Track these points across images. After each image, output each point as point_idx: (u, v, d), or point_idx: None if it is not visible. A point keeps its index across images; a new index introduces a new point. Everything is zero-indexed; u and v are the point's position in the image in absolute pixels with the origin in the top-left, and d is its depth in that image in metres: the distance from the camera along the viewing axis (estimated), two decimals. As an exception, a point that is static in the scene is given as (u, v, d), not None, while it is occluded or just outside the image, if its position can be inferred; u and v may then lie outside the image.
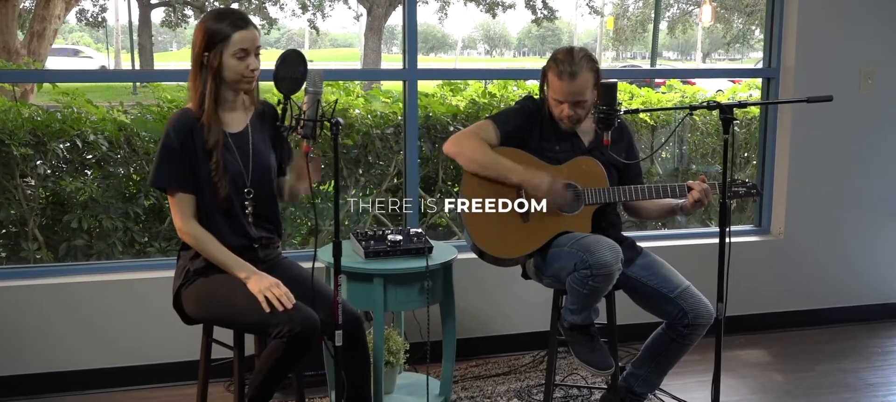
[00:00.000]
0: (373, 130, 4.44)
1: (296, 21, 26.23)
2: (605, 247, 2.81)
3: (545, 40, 34.33)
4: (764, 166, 4.46)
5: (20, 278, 3.58)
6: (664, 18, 21.59)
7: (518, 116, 3.12)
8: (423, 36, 28.85)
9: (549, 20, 18.85)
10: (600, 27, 22.68)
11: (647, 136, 4.98)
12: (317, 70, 2.49)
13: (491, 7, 19.38)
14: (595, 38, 24.11)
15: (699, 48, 26.83)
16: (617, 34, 21.99)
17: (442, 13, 20.62)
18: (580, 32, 34.76)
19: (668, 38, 24.89)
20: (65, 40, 30.72)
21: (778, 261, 4.41)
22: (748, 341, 4.29)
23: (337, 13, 21.27)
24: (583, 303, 2.89)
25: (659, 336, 3.14)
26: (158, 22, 23.39)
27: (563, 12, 36.46)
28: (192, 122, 2.64)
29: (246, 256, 2.70)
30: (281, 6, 22.13)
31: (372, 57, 18.56)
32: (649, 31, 24.06)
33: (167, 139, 2.63)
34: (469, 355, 3.95)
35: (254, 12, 21.66)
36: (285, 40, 36.81)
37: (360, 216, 4.48)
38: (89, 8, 21.67)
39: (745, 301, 4.37)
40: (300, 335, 2.49)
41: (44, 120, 4.01)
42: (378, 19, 18.75)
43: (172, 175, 2.64)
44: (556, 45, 35.81)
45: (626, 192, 3.05)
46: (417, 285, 3.04)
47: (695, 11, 21.49)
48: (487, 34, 32.39)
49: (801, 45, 4.23)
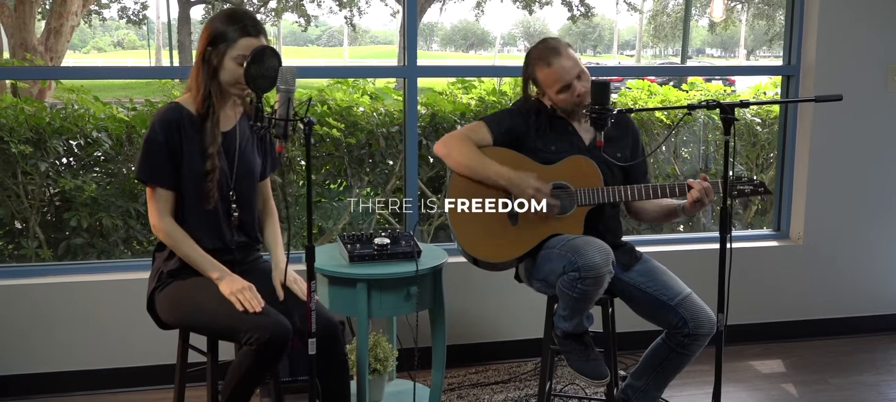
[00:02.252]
0: (378, 128, 4.34)
1: (336, 18, 26.32)
2: (595, 249, 2.68)
3: (585, 37, 34.10)
4: (783, 168, 4.28)
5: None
6: (705, 15, 21.26)
7: (513, 116, 3.02)
8: (462, 33, 29.16)
9: (585, 17, 18.66)
10: (639, 24, 22.42)
11: (664, 135, 4.81)
12: (289, 67, 2.40)
13: (527, 4, 19.26)
14: (635, 35, 23.82)
15: (742, 45, 26.39)
16: (656, 31, 21.69)
17: (478, 10, 20.57)
18: (621, 29, 34.50)
19: (710, 35, 24.55)
20: (111, 36, 31.23)
21: (797, 267, 4.23)
22: (765, 350, 4.11)
23: (375, 10, 21.34)
24: (573, 308, 2.77)
25: (658, 346, 2.99)
26: (198, 19, 23.68)
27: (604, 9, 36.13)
28: (180, 117, 2.58)
29: (223, 258, 2.64)
30: (318, 3, 22.29)
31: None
32: (689, 28, 23.68)
33: (152, 132, 2.56)
34: (468, 361, 3.84)
35: (292, 10, 21.81)
36: (326, 37, 37.14)
37: (363, 217, 4.39)
38: (130, 5, 21.99)
39: (763, 309, 4.19)
40: (269, 342, 2.41)
41: (44, 117, 3.98)
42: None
43: (154, 169, 2.57)
44: (597, 42, 35.59)
45: (620, 192, 2.91)
46: (404, 290, 2.93)
47: (737, 8, 21.12)
48: (527, 31, 32.22)
49: (822, 41, 4.04)
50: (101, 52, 30.93)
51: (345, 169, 4.33)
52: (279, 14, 22.20)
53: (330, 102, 4.34)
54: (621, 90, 5.10)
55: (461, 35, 34.38)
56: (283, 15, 22.16)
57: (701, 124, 4.92)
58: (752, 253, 4.19)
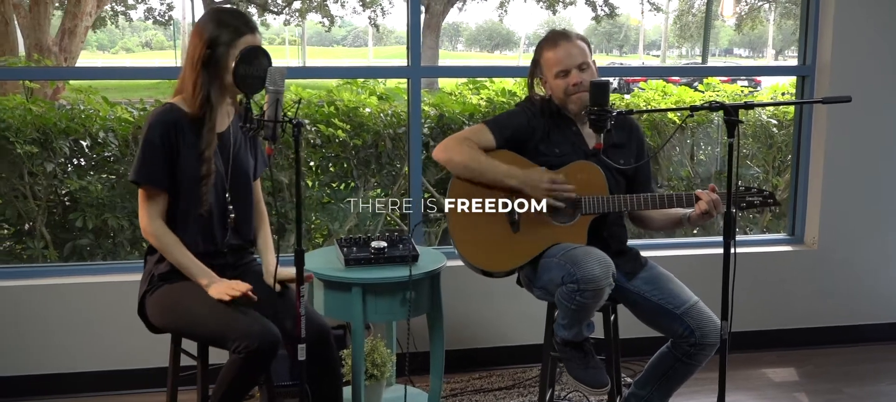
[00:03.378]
0: (386, 129, 4.30)
1: (361, 18, 26.36)
2: (594, 260, 2.61)
3: (611, 37, 33.85)
4: (798, 171, 4.17)
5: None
6: (733, 14, 20.99)
7: (516, 118, 2.94)
8: (487, 33, 29.09)
9: (609, 17, 18.51)
10: (665, 24, 22.20)
11: (678, 137, 4.73)
12: (278, 68, 2.36)
13: (551, 4, 19.13)
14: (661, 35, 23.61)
15: (770, 45, 26.06)
16: (681, 31, 21.47)
17: (502, 10, 20.47)
18: (648, 29, 34.21)
19: (737, 34, 24.23)
20: (139, 37, 31.48)
21: (811, 273, 4.12)
22: (779, 358, 4.01)
23: (398, 11, 21.29)
24: (572, 318, 2.70)
25: (663, 355, 2.90)
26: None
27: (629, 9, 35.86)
28: (177, 118, 2.54)
29: (215, 262, 2.60)
30: (342, 4, 22.31)
31: (429, 54, 18.50)
32: (716, 28, 23.42)
33: (149, 133, 2.52)
34: (471, 366, 3.78)
35: (316, 10, 21.85)
36: (351, 38, 37.19)
37: (371, 219, 4.35)
38: (156, 6, 22.17)
39: (777, 316, 4.10)
40: (257, 350, 2.37)
41: (51, 118, 3.98)
42: (436, 16, 18.69)
43: (148, 171, 2.53)
44: (623, 42, 35.31)
45: (627, 201, 2.83)
46: (400, 294, 2.88)
47: (764, 7, 20.84)
48: (552, 31, 32.03)
49: (837, 41, 3.93)
50: (129, 52, 31.20)
51: (351, 170, 4.30)
52: (303, 14, 22.28)
53: (338, 103, 4.30)
54: (635, 92, 5.02)
55: (486, 35, 34.27)
56: (308, 15, 22.24)
57: (716, 126, 4.82)
58: (765, 258, 4.09)
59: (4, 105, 3.98)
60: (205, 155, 2.52)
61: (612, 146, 2.92)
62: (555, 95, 2.91)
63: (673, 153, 4.78)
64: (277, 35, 35.27)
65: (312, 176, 4.33)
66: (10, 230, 4.10)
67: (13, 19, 6.59)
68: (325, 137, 4.20)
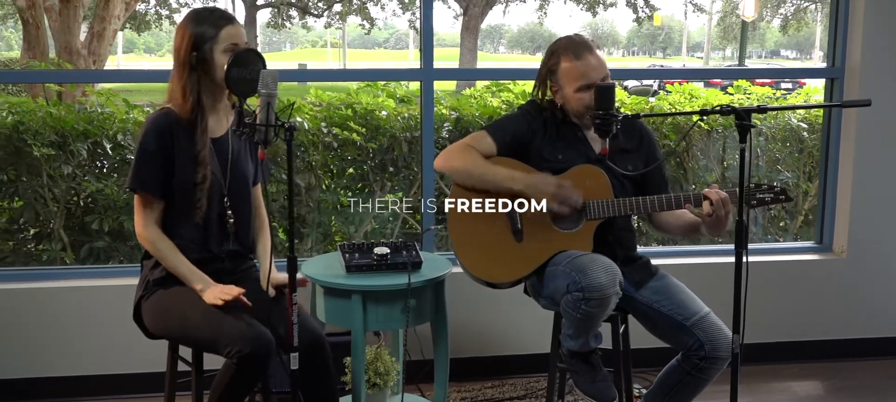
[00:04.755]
0: (402, 133, 4.25)
1: (402, 21, 26.43)
2: (600, 268, 2.52)
3: (655, 39, 33.51)
4: (826, 176, 4.03)
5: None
6: (778, 16, 20.62)
7: (517, 123, 2.86)
8: (529, 35, 29.01)
9: (650, 19, 18.30)
10: (708, 25, 21.85)
11: (702, 142, 4.60)
12: (270, 71, 2.32)
13: (591, 5, 18.98)
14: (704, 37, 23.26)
15: (817, 46, 25.52)
16: (725, 32, 21.12)
17: (541, 12, 20.37)
18: (692, 30, 33.80)
19: (783, 36, 23.74)
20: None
21: (839, 282, 3.97)
22: (803, 370, 3.87)
23: (437, 13, 21.35)
24: (578, 328, 2.62)
25: (673, 369, 2.79)
26: (264, 23, 24.05)
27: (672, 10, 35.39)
28: (172, 123, 2.52)
29: (213, 268, 2.57)
30: (382, 6, 22.40)
31: (468, 56, 18.47)
32: (760, 29, 23.00)
33: (145, 140, 2.51)
34: (483, 374, 3.71)
35: (355, 12, 21.95)
36: (394, 40, 37.34)
37: (389, 222, 4.31)
38: (198, 9, 22.38)
39: (802, 327, 3.95)
40: (250, 356, 2.34)
41: (69, 120, 4.00)
42: (474, 19, 18.65)
43: (144, 178, 2.51)
44: (667, 44, 34.94)
45: (632, 204, 2.74)
46: (401, 302, 2.81)
47: (811, 8, 20.41)
48: (595, 33, 31.84)
49: (867, 42, 3.78)
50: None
51: (367, 174, 4.25)
52: (343, 17, 22.41)
53: (355, 106, 4.26)
54: (659, 94, 4.90)
55: (528, 37, 34.15)
56: (348, 18, 22.36)
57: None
58: (791, 267, 3.95)
59: (23, 108, 4.01)
60: (199, 159, 2.49)
61: (619, 151, 2.83)
62: (570, 107, 2.81)
63: (698, 159, 4.65)
64: (320, 38, 35.57)
65: (329, 179, 4.30)
66: (30, 233, 4.13)
67: (43, 22, 6.69)
68: (341, 141, 4.16)
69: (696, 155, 4.64)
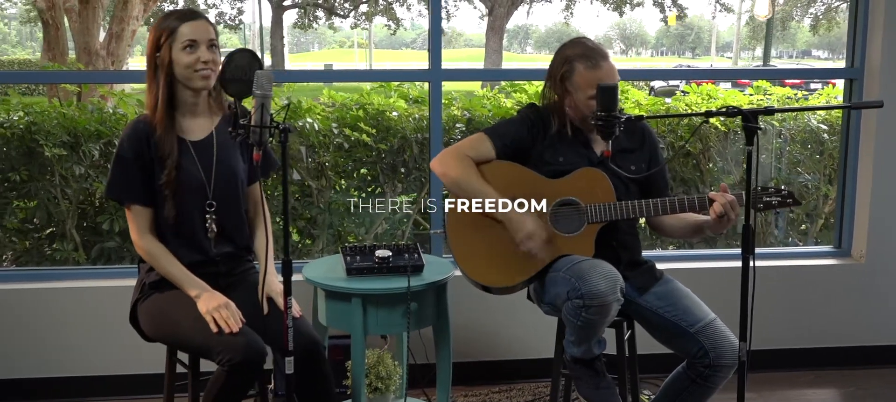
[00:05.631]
0: (413, 134, 4.21)
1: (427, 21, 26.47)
2: (600, 275, 2.47)
3: (684, 39, 33.21)
4: (845, 180, 3.94)
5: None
6: (808, 15, 20.32)
7: (517, 126, 2.80)
8: (557, 35, 28.98)
9: (679, 19, 18.12)
10: (737, 24, 21.60)
11: (720, 143, 4.52)
12: (264, 72, 2.29)
13: (618, 5, 18.84)
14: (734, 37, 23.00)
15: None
16: (754, 32, 20.85)
17: (567, 12, 20.24)
18: (722, 30, 33.43)
19: (814, 36, 23.39)
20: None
21: (858, 288, 3.87)
22: (818, 378, 3.79)
23: (464, 13, 21.32)
24: (580, 336, 2.57)
25: (678, 376, 2.73)
26: (290, 24, 24.17)
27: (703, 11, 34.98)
28: (148, 130, 2.51)
29: (206, 271, 2.55)
30: (408, 7, 22.41)
31: (493, 57, 18.42)
32: (790, 28, 22.65)
33: (120, 149, 2.51)
34: (491, 379, 3.66)
35: (381, 13, 21.97)
36: (421, 41, 37.29)
37: (401, 224, 4.28)
38: (227, 11, 22.60)
39: (818, 333, 3.87)
40: (241, 363, 2.31)
41: (82, 120, 4.01)
42: (499, 19, 18.59)
43: (125, 187, 2.51)
44: (697, 44, 34.60)
45: (635, 207, 2.68)
46: (402, 306, 2.78)
47: (842, 8, 20.07)
48: (623, 33, 31.65)
49: (887, 42, 3.69)
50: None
51: (377, 175, 4.22)
52: (369, 18, 22.46)
53: (368, 107, 4.24)
54: (676, 95, 4.82)
55: (555, 38, 33.99)
56: (374, 19, 22.41)
57: (767, 132, 4.60)
58: (808, 272, 3.86)
59: (35, 108, 4.03)
60: (165, 162, 2.48)
61: (620, 151, 2.77)
62: (577, 114, 2.75)
63: (716, 160, 4.56)
64: (347, 39, 35.68)
65: (339, 180, 4.28)
66: (45, 232, 4.14)
67: (64, 23, 6.75)
68: (352, 142, 4.14)
69: (713, 157, 4.56)
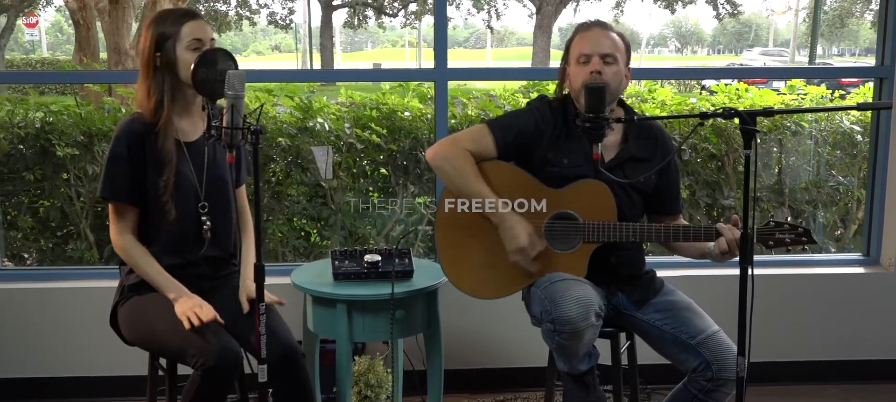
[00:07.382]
0: (428, 134, 4.13)
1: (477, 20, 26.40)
2: (572, 300, 2.34)
3: (741, 37, 32.52)
4: (874, 184, 3.74)
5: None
6: (867, 11, 19.69)
7: (522, 119, 2.67)
8: (607, 33, 28.17)
9: (731, 16, 17.74)
10: (794, 21, 21.04)
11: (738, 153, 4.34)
12: (236, 72, 2.23)
13: (669, 3, 18.51)
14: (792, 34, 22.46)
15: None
16: (812, 30, 20.25)
17: (617, 10, 19.98)
18: (781, 28, 32.67)
19: (872, 32, 22.64)
20: (269, 41, 32.56)
21: (886, 298, 3.67)
22: (843, 392, 3.60)
23: (514, 12, 21.19)
24: (558, 355, 2.47)
25: (679, 392, 2.59)
26: (341, 23, 24.30)
27: (760, 7, 34.33)
28: (144, 129, 2.47)
29: (190, 273, 2.52)
30: (456, 6, 22.34)
31: (541, 56, 18.24)
32: (848, 26, 22.02)
33: (116, 147, 2.47)
34: (488, 387, 3.57)
35: (430, 12, 21.93)
36: (474, 39, 37.22)
37: (412, 225, 4.20)
38: (278, 11, 22.85)
39: (843, 345, 3.68)
40: (214, 368, 2.27)
41: (95, 120, 4.01)
42: (547, 18, 18.41)
43: (116, 186, 2.47)
44: (756, 42, 33.84)
45: (634, 231, 2.55)
46: (389, 312, 2.69)
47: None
48: (678, 31, 31.12)
49: (918, 39, 3.50)
50: (259, 55, 32.35)
51: (389, 176, 4.16)
52: (419, 16, 22.45)
53: (382, 106, 4.18)
54: (703, 95, 4.66)
55: (608, 36, 33.57)
56: (423, 18, 22.39)
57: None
58: (833, 280, 3.68)
59: (51, 108, 4.05)
60: (163, 163, 2.43)
61: (630, 160, 2.64)
62: (572, 87, 2.62)
63: (741, 161, 4.38)
64: (400, 38, 35.76)
65: (351, 180, 4.22)
66: (61, 232, 4.17)
67: (94, 23, 6.82)
68: (364, 142, 4.08)
69: (739, 158, 4.38)
